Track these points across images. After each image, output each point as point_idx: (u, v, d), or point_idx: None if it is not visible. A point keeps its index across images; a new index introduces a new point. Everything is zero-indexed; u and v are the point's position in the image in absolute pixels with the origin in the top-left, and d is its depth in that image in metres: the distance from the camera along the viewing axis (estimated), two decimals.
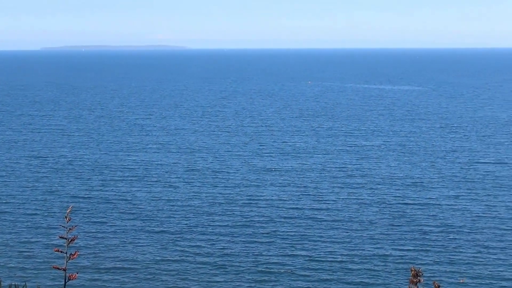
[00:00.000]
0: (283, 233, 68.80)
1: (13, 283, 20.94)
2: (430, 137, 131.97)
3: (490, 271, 57.65)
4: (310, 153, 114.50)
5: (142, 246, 65.30)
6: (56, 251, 12.53)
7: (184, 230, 70.30)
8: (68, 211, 12.65)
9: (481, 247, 63.91)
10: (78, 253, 12.35)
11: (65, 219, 12.40)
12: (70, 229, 12.35)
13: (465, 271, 57.51)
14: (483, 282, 55.22)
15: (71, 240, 12.34)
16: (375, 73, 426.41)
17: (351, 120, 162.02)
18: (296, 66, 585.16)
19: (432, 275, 55.45)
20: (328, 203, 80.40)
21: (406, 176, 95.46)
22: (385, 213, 75.79)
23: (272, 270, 58.34)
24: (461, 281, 55.02)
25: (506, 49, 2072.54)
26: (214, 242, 66.08)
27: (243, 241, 66.42)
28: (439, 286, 9.27)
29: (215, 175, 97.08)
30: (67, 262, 12.27)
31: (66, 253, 12.37)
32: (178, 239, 67.27)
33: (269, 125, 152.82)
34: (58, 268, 12.56)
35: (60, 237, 12.51)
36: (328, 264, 59.50)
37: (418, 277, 9.43)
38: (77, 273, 12.70)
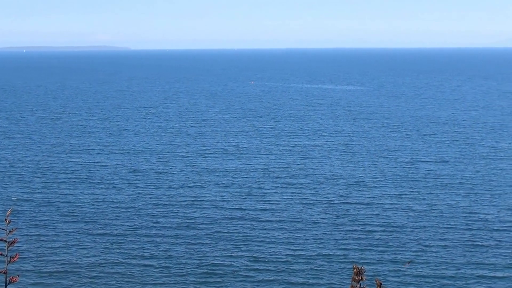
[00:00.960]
0: (227, 234, 68.73)
1: None
2: (373, 137, 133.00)
3: (432, 269, 58.23)
4: (253, 153, 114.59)
5: (85, 248, 64.70)
6: None
7: (127, 232, 69.84)
8: (8, 213, 12.47)
9: (423, 245, 64.55)
10: (19, 255, 12.18)
11: (5, 222, 12.23)
12: (10, 231, 12.17)
13: (408, 269, 58.04)
14: (425, 280, 55.73)
15: (11, 243, 12.16)
16: (317, 73, 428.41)
17: (294, 120, 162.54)
18: (240, 66, 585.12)
19: (375, 274, 55.85)
20: (271, 204, 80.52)
21: (349, 175, 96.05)
22: (329, 213, 76.15)
23: (216, 271, 58.21)
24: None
25: (448, 49, 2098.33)
26: (158, 244, 65.75)
27: (187, 242, 66.21)
28: (381, 284, 9.31)
29: (158, 176, 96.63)
30: (7, 265, 12.08)
31: (6, 256, 12.20)
32: (121, 241, 66.80)
33: (212, 125, 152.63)
34: None
35: (0, 240, 12.33)
36: (273, 265, 59.56)
37: (361, 275, 9.46)
38: (18, 276, 12.53)
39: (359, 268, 9.53)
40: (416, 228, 69.93)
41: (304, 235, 67.98)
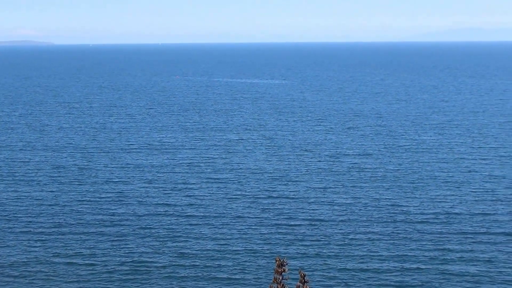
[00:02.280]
0: (152, 229, 68.36)
1: None
2: (297, 130, 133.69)
3: (357, 262, 58.80)
4: (178, 148, 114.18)
5: (8, 247, 63.68)
6: None
7: (51, 229, 68.93)
8: None
9: (348, 238, 65.15)
10: None
11: None
12: None
13: (333, 263, 58.50)
14: (350, 273, 56.24)
15: None
16: (242, 68, 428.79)
17: (219, 114, 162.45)
18: (165, 61, 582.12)
19: (300, 267, 56.14)
20: (197, 199, 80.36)
21: (273, 169, 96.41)
22: (254, 207, 76.32)
23: (142, 267, 57.86)
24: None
25: (370, 43, 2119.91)
26: (83, 241, 65.08)
27: (112, 239, 65.67)
28: (304, 276, 9.42)
29: (82, 172, 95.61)
30: None
31: None
32: (45, 239, 65.91)
33: (137, 120, 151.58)
34: None
35: None
36: (199, 260, 59.45)
37: (283, 267, 9.59)
38: None
39: (281, 260, 9.66)
40: (340, 221, 70.54)
41: (229, 230, 68.02)
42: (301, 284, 9.10)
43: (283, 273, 9.27)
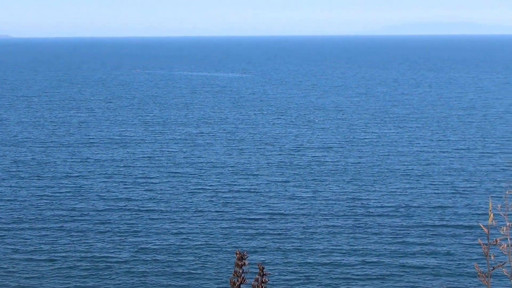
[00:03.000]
0: (112, 224, 68.02)
1: None
2: (257, 124, 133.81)
3: (318, 256, 59.01)
4: (138, 142, 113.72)
5: None
6: None
7: (10, 224, 68.30)
8: None
9: (309, 232, 65.35)
10: None
11: None
12: None
13: (294, 257, 58.65)
14: (312, 267, 56.42)
15: None
16: (203, 61, 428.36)
17: (179, 108, 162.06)
18: (126, 55, 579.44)
19: (261, 262, 56.21)
20: (157, 193, 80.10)
21: (234, 163, 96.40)
22: (214, 201, 76.24)
23: (101, 262, 57.56)
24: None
25: (328, 36, 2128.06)
26: (42, 236, 64.58)
27: (73, 233, 65.24)
28: (263, 268, 9.37)
29: (41, 166, 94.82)
30: None
31: None
32: (4, 235, 65.30)
33: (96, 114, 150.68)
34: None
35: None
36: (159, 255, 59.28)
37: (243, 260, 9.52)
38: None
39: (242, 253, 9.59)
40: (301, 215, 70.72)
41: (190, 224, 67.89)
42: (260, 277, 9.11)
43: (243, 267, 9.24)
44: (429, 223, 67.76)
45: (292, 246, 61.33)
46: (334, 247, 60.97)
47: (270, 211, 72.13)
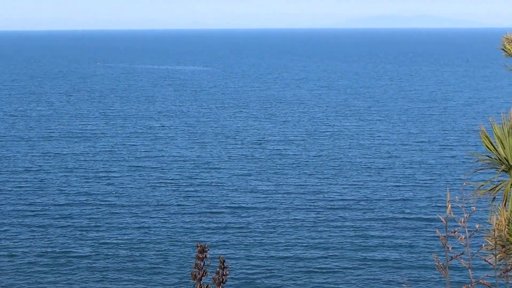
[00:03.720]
0: (73, 219, 67.49)
1: None
2: (219, 117, 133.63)
3: (280, 250, 59.02)
4: (99, 136, 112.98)
5: None
6: None
7: None
8: None
9: (271, 226, 65.34)
10: None
11: None
12: None
13: (257, 251, 58.61)
14: (274, 261, 56.40)
15: None
16: (164, 54, 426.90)
17: (141, 101, 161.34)
18: (86, 48, 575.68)
19: (223, 254, 56.11)
20: (118, 187, 79.64)
21: (196, 156, 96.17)
22: (176, 195, 75.98)
23: (62, 258, 57.08)
24: None
25: (292, 29, 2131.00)
26: (2, 232, 63.88)
27: (33, 229, 64.62)
28: (224, 261, 9.30)
29: (0, 161, 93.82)
30: None
31: None
32: None
33: (57, 108, 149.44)
34: None
35: None
36: (121, 250, 58.95)
37: (204, 253, 9.45)
38: None
39: (203, 246, 9.52)
40: (263, 209, 70.70)
41: (151, 219, 67.57)
42: (220, 270, 9.04)
43: (204, 259, 9.17)
44: (390, 216, 68.09)
45: (254, 240, 61.31)
46: (296, 241, 61.04)
47: (232, 205, 72.05)
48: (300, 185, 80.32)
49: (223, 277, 9.59)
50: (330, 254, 57.79)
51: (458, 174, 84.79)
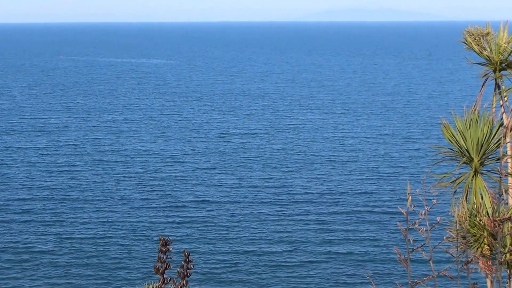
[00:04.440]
0: (36, 214, 66.97)
1: None
2: (183, 111, 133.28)
3: (245, 244, 59.02)
4: (62, 130, 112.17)
5: None
6: None
7: None
8: None
9: (235, 220, 65.30)
10: None
11: None
12: None
13: (221, 245, 58.54)
14: (239, 256, 56.39)
15: None
16: (127, 47, 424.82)
17: (104, 95, 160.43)
18: (49, 41, 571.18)
19: (187, 248, 55.97)
20: (82, 181, 79.13)
21: (160, 150, 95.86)
22: (140, 189, 75.68)
23: (25, 253, 56.63)
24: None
25: (259, 23, 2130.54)
26: None
27: None
28: (188, 255, 9.25)
29: None
30: None
31: None
32: None
33: (19, 102, 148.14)
34: None
35: None
36: (84, 245, 58.58)
37: (167, 246, 9.41)
38: None
39: (165, 239, 9.48)
40: (228, 203, 70.64)
41: (115, 213, 67.24)
42: (185, 264, 8.98)
43: (167, 253, 9.12)
44: (354, 210, 68.34)
45: (218, 234, 61.24)
46: (261, 235, 61.06)
47: (196, 199, 71.92)
48: (264, 178, 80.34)
49: (188, 271, 9.56)
50: (294, 247, 57.88)
51: (422, 167, 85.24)
